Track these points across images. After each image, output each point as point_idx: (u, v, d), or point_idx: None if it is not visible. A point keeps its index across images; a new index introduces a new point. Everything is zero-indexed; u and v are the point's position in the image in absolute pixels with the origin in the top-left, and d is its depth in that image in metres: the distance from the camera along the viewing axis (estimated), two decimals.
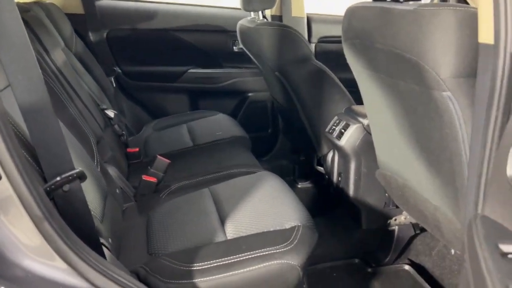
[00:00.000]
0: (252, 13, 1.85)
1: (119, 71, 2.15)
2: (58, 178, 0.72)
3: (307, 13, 2.26)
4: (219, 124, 1.98)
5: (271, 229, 1.02)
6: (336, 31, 2.34)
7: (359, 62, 1.21)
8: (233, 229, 1.04)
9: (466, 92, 0.88)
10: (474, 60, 0.84)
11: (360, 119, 1.55)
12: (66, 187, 0.73)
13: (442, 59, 0.86)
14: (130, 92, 2.22)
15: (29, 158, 0.72)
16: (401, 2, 0.97)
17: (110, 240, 0.94)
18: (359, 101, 1.73)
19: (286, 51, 1.59)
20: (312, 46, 2.31)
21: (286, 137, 2.39)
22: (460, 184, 0.99)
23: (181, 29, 2.17)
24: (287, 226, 1.03)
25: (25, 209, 0.62)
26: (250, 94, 2.33)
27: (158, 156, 1.36)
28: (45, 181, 0.73)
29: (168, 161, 1.36)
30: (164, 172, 1.36)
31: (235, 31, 2.12)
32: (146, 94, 2.25)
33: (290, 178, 2.30)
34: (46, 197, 0.66)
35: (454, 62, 0.85)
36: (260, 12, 1.73)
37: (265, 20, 1.72)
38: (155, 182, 1.31)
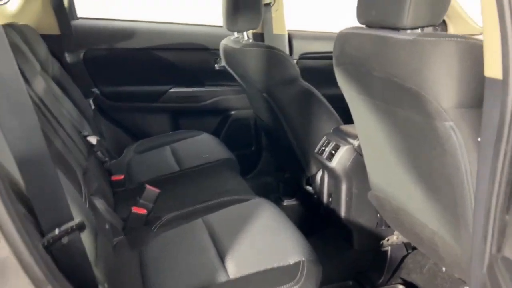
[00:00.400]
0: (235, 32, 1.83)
1: (98, 92, 2.09)
2: (56, 231, 0.67)
3: (288, 30, 2.26)
4: (203, 145, 1.95)
5: (275, 266, 1.00)
6: (316, 47, 2.37)
7: (353, 87, 1.21)
8: (234, 267, 1.01)
9: (469, 122, 0.88)
10: (476, 91, 0.84)
11: (350, 140, 1.55)
12: (65, 239, 0.68)
13: (444, 89, 0.86)
14: (110, 113, 2.16)
15: (25, 211, 0.67)
16: (398, 31, 0.97)
17: (106, 285, 0.89)
18: (345, 119, 1.75)
19: (273, 73, 1.58)
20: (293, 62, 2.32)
21: (270, 155, 2.38)
22: (461, 212, 0.99)
23: (161, 47, 2.13)
24: (291, 261, 1.01)
25: (26, 272, 0.57)
26: (233, 112, 2.31)
27: (148, 186, 1.31)
28: (42, 234, 0.68)
29: (158, 190, 1.31)
30: (154, 202, 1.31)
31: (217, 49, 2.09)
32: (126, 115, 2.19)
33: (275, 195, 2.29)
34: (47, 256, 0.61)
35: (456, 92, 0.86)
36: (245, 32, 1.71)
37: (250, 40, 1.70)
38: (145, 214, 1.27)
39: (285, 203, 2.23)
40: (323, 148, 1.62)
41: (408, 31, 0.95)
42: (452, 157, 0.94)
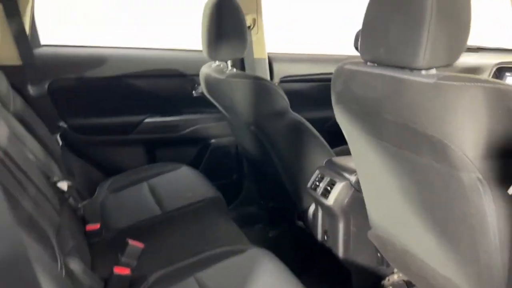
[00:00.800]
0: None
1: (65, 126, 1.92)
2: None
3: (267, 53, 2.18)
4: (184, 180, 1.82)
5: None
6: (297, 69, 2.30)
7: (356, 127, 1.12)
8: None
9: (497, 174, 0.81)
10: (506, 140, 0.77)
11: (346, 175, 1.47)
12: None
13: (471, 139, 0.79)
14: (79, 148, 1.99)
15: None
16: (412, 71, 0.89)
17: None
18: (330, 141, 1.68)
19: (263, 105, 1.48)
20: None
21: (253, 184, 2.27)
22: (485, 264, 0.92)
23: (134, 75, 1.99)
24: None
25: None
26: (213, 141, 2.19)
27: (130, 241, 1.18)
28: None
29: (142, 245, 1.18)
30: (138, 258, 1.18)
31: (194, 75, 1.98)
32: (97, 149, 2.03)
33: (260, 226, 2.18)
34: None
35: (484, 142, 0.78)
36: (228, 61, 1.61)
37: (235, 70, 1.60)
38: (129, 276, 1.13)
39: (271, 235, 2.13)
40: (317, 183, 1.54)
41: (423, 72, 0.88)
42: (477, 208, 0.86)
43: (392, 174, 1.08)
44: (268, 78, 2.19)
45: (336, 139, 2.50)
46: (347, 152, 2.13)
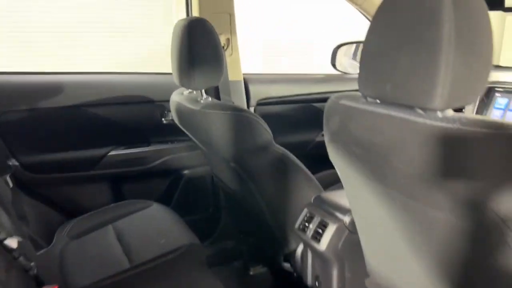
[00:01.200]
0: None
1: (17, 164, 1.71)
2: None
3: (243, 74, 2.05)
4: (155, 222, 1.65)
5: None
6: (274, 91, 2.17)
7: (356, 170, 0.99)
8: None
9: None
10: None
11: (339, 215, 1.34)
12: None
13: (506, 198, 0.67)
14: (33, 189, 1.78)
15: None
16: (425, 111, 0.77)
17: None
18: (310, 166, 1.55)
19: (244, 140, 1.33)
20: (251, 110, 2.10)
21: (232, 217, 2.12)
22: None
23: (94, 103, 1.81)
24: None
25: None
26: (186, 172, 2.03)
27: None
28: None
29: None
30: None
31: (163, 101, 1.83)
32: (54, 189, 1.82)
33: (239, 262, 2.03)
34: None
35: None
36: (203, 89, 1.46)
37: (210, 99, 1.45)
38: None
39: (252, 272, 1.98)
40: (306, 223, 1.40)
41: (440, 114, 0.76)
42: (507, 266, 0.75)
43: (395, 219, 0.96)
44: (245, 101, 2.05)
45: (319, 163, 2.38)
46: (332, 178, 2.02)
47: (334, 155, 1.06)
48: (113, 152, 1.86)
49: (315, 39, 5.90)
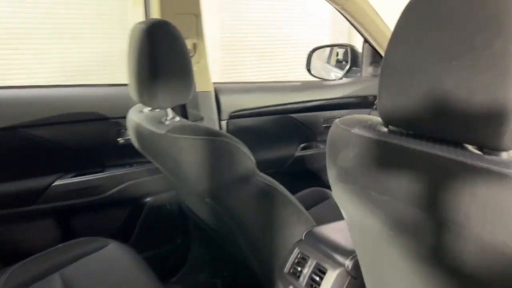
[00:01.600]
0: None
1: None
2: None
3: (213, 83, 1.81)
4: (112, 267, 1.38)
5: None
6: (248, 101, 1.95)
7: (369, 218, 0.79)
8: None
9: None
10: None
11: (339, 258, 1.13)
12: None
13: None
14: None
15: None
16: (483, 152, 0.57)
17: None
18: (291, 188, 1.34)
19: (222, 171, 1.10)
20: (223, 124, 1.87)
21: (203, 247, 1.88)
22: None
23: (34, 123, 1.51)
24: None
25: None
26: (148, 199, 1.77)
27: None
28: None
29: None
30: None
31: (119, 117, 1.58)
32: None
33: None
34: None
35: None
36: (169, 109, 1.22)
37: (178, 118, 1.21)
38: None
39: None
40: (297, 267, 1.19)
41: (505, 155, 0.56)
42: None
43: (422, 277, 0.76)
44: (216, 115, 1.82)
45: (299, 181, 2.19)
46: (315, 196, 1.83)
47: (342, 198, 0.85)
48: (59, 182, 1.57)
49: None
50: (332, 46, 2.58)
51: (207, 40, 1.72)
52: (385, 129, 0.73)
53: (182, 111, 1.70)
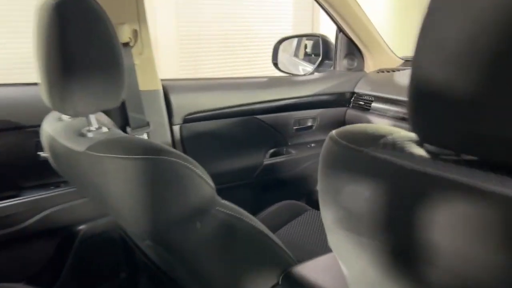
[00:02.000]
0: None
1: None
2: None
3: (161, 80, 1.50)
4: None
5: None
6: (205, 101, 1.64)
7: (378, 268, 0.52)
8: None
9: None
10: None
11: None
12: None
13: None
14: None
15: None
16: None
17: None
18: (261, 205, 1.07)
19: (167, 202, 0.79)
20: (176, 129, 1.57)
21: (154, 281, 1.56)
22: None
23: None
24: None
25: None
26: (80, 228, 1.43)
27: None
28: None
29: None
30: None
31: (39, 125, 1.25)
32: None
33: None
34: None
35: None
36: (91, 115, 0.90)
37: (106, 129, 0.90)
38: None
39: None
40: None
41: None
42: None
43: None
44: (166, 119, 1.51)
45: (270, 193, 1.90)
46: (289, 211, 1.56)
47: (343, 248, 0.57)
48: None
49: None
50: (301, 36, 2.31)
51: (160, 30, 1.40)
52: (422, 151, 0.46)
53: (122, 116, 1.38)
